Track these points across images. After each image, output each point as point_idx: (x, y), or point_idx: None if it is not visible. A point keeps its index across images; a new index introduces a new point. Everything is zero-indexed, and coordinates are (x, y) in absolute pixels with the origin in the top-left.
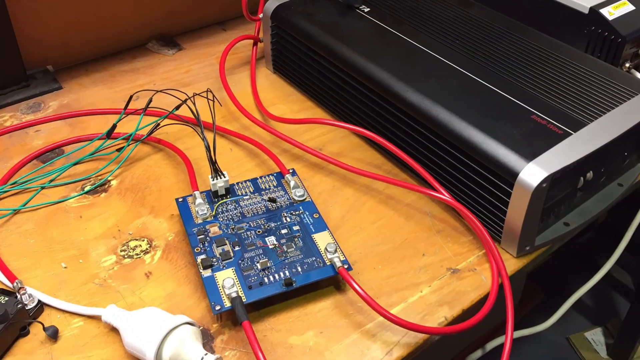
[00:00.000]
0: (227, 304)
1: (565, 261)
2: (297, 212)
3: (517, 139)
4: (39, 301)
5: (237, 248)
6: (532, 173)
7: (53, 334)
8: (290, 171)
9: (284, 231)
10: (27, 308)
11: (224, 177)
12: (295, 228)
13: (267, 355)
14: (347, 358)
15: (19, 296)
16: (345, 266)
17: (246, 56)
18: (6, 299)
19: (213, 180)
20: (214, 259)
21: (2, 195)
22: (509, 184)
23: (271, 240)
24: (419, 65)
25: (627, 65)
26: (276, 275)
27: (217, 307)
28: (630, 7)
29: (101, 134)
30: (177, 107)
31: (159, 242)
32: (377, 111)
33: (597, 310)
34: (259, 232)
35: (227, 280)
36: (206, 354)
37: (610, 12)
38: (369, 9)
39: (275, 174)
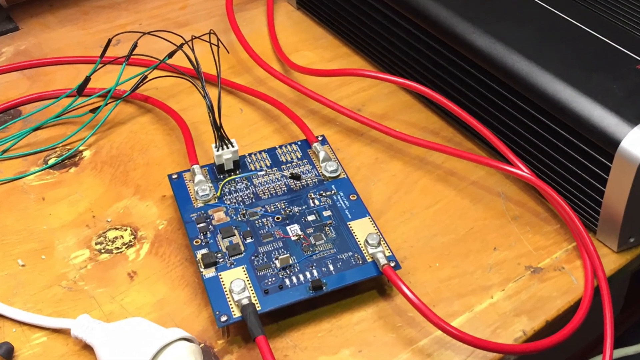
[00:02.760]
0: (237, 313)
1: None
2: (328, 193)
3: (619, 96)
4: None
5: (249, 240)
6: (638, 141)
7: (7, 353)
8: (320, 139)
9: (310, 218)
10: None
11: (232, 146)
12: (326, 214)
13: None
14: None
15: None
16: (392, 264)
17: None
18: None
19: (218, 150)
20: (219, 255)
21: None
22: (607, 156)
23: (294, 230)
24: (489, 0)
25: None
26: (301, 276)
27: (223, 318)
28: None
29: (70, 90)
30: (171, 55)
31: (146, 232)
32: (434, 60)
33: None
34: (278, 219)
35: (236, 282)
36: None
37: None
38: None
39: (299, 143)
